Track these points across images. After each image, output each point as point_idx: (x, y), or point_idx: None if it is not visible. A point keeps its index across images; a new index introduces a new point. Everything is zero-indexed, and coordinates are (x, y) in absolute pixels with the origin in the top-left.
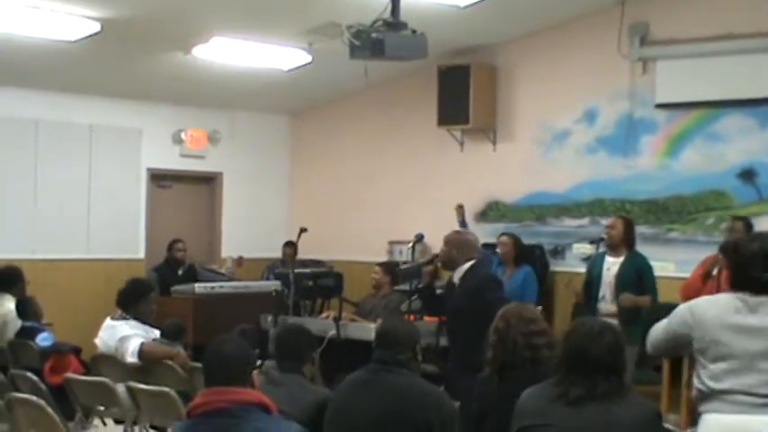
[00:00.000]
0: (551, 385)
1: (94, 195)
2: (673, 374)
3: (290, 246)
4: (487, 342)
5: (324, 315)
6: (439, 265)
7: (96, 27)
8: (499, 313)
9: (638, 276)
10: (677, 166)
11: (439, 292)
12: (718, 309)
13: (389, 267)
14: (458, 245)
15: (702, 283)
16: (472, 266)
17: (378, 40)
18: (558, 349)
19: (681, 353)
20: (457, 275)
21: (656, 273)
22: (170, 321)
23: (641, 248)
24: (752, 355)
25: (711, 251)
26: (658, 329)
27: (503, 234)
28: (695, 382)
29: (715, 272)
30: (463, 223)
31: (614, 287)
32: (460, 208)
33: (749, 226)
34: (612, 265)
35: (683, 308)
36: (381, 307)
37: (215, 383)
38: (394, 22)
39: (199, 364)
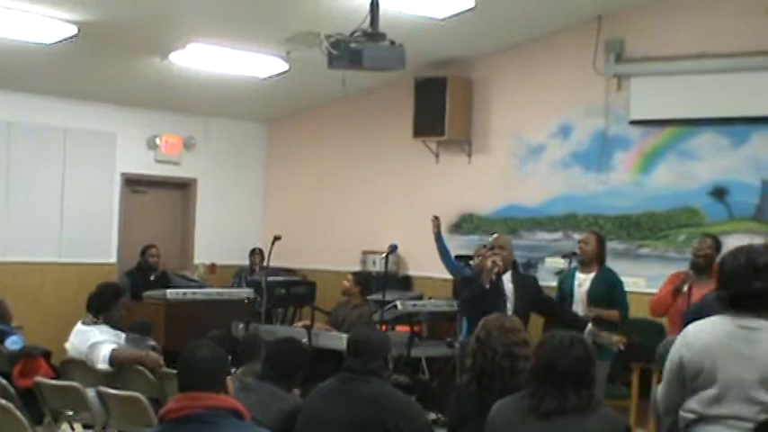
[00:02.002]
0: (523, 398)
1: (67, 199)
2: (641, 389)
3: (257, 253)
4: (467, 350)
5: (299, 324)
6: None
7: (73, 30)
8: (481, 323)
9: (608, 292)
10: (650, 182)
11: None
12: (711, 334)
13: (361, 278)
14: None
15: (672, 300)
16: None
17: (356, 51)
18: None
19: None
20: (506, 276)
21: (627, 288)
22: (137, 320)
23: (613, 263)
24: (744, 383)
25: (682, 268)
26: (662, 388)
27: (484, 247)
28: (684, 405)
29: (685, 288)
30: (439, 235)
31: (586, 303)
32: (436, 219)
33: (718, 243)
34: (584, 281)
35: (674, 346)
36: (354, 318)
37: (188, 389)
38: (373, 33)
39: (170, 370)
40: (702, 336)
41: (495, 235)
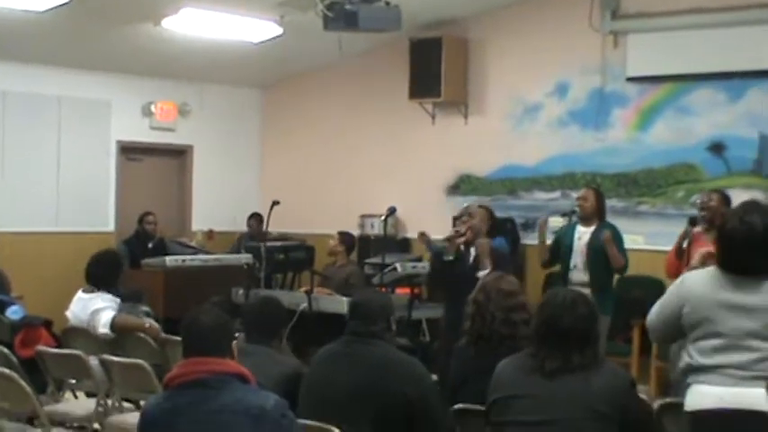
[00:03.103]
0: (527, 356)
1: (63, 168)
2: (642, 346)
3: (256, 218)
4: (466, 311)
5: (301, 290)
6: (467, 237)
7: None
8: (479, 284)
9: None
10: (648, 139)
11: None
12: (707, 285)
13: (346, 238)
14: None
15: (677, 259)
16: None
17: (352, 12)
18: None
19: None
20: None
21: (627, 245)
22: (128, 288)
23: (611, 221)
24: (743, 333)
25: (681, 224)
26: (653, 317)
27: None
28: (683, 355)
29: (685, 245)
30: (430, 249)
31: (586, 255)
32: (423, 236)
33: (726, 198)
34: (584, 234)
35: (672, 287)
36: (341, 279)
37: (193, 354)
38: None
39: (172, 337)
40: (698, 287)
41: (466, 205)
